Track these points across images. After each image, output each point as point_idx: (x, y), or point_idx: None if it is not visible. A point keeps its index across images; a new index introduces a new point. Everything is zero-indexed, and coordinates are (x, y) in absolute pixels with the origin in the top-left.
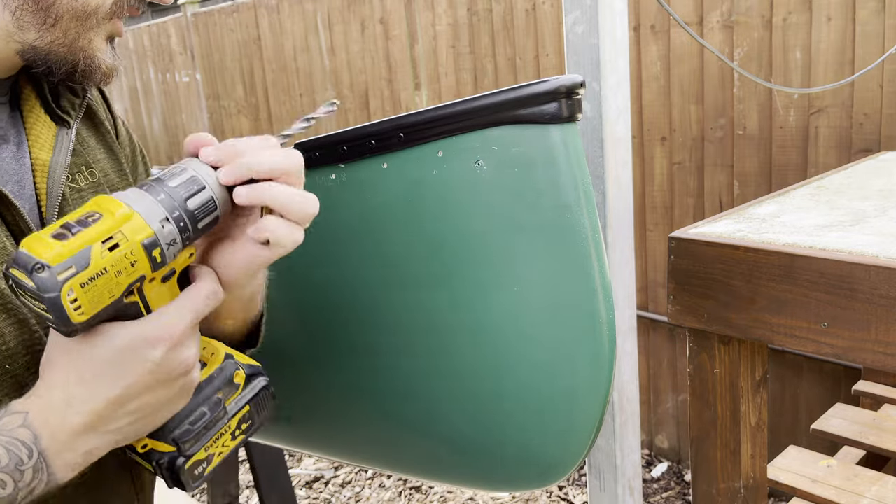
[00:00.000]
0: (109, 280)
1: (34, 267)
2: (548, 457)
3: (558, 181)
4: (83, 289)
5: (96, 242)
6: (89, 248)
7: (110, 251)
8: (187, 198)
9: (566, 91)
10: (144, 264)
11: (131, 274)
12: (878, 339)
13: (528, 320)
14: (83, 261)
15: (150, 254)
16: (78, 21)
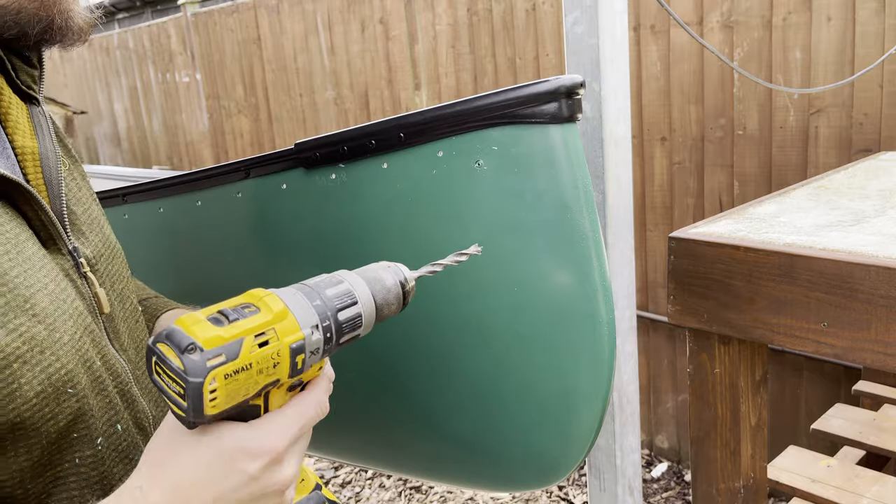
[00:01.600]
0: (250, 377)
1: (188, 347)
2: (548, 456)
3: (558, 181)
4: (226, 380)
5: (249, 335)
6: (242, 339)
7: (259, 347)
8: (339, 309)
9: (566, 91)
10: (285, 368)
11: (270, 375)
12: (878, 339)
13: (527, 320)
14: (234, 352)
15: (294, 359)
16: None
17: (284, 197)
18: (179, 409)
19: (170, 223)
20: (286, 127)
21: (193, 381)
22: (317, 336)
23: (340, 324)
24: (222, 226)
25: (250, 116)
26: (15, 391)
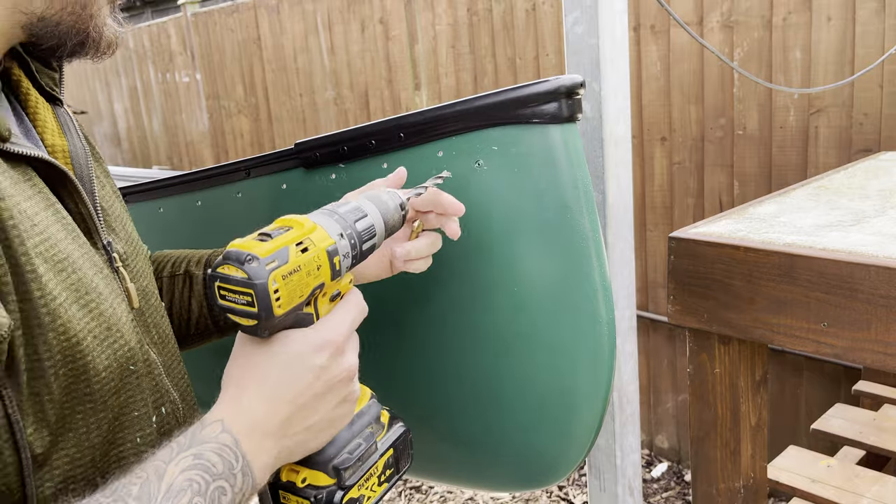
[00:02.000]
0: (301, 279)
1: (246, 258)
2: (548, 456)
3: (558, 181)
4: (284, 281)
5: (292, 244)
6: (287, 248)
7: (302, 252)
8: (356, 221)
9: (566, 91)
10: (326, 270)
11: (317, 277)
12: (878, 339)
13: (527, 320)
14: (283, 257)
15: (332, 261)
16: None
17: (285, 197)
18: (250, 318)
19: (170, 223)
20: (286, 127)
21: (260, 282)
22: (344, 242)
23: (360, 232)
24: (222, 225)
25: (250, 116)
26: (88, 364)
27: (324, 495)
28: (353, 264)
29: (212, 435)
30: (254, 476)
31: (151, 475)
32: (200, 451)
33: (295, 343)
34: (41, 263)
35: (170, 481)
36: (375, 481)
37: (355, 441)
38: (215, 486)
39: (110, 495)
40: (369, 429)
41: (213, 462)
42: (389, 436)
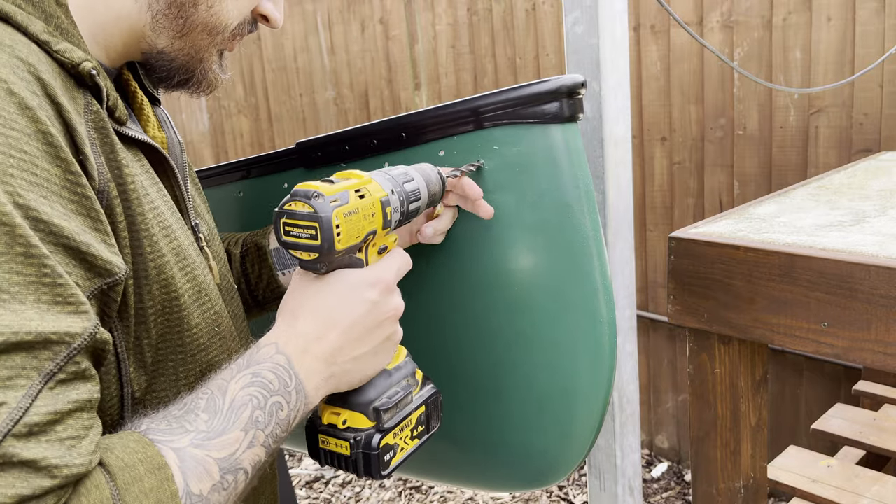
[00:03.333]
0: (359, 221)
1: (312, 195)
2: (548, 456)
3: (559, 181)
4: (345, 218)
5: (351, 189)
6: (347, 192)
7: (360, 198)
8: (403, 182)
9: (567, 91)
10: (379, 218)
11: (371, 222)
12: (878, 339)
13: (528, 320)
14: (344, 198)
15: (384, 210)
16: (208, 35)
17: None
18: (312, 251)
19: None
20: (286, 127)
21: (325, 215)
22: (394, 198)
23: (407, 193)
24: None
25: (250, 116)
26: (182, 318)
27: (362, 437)
28: (400, 221)
29: (267, 355)
30: (306, 395)
31: (216, 391)
32: (258, 370)
33: (350, 277)
34: (154, 224)
35: (232, 396)
36: (408, 434)
37: (393, 388)
38: (272, 401)
39: (182, 408)
40: (406, 381)
41: (270, 380)
42: (423, 393)
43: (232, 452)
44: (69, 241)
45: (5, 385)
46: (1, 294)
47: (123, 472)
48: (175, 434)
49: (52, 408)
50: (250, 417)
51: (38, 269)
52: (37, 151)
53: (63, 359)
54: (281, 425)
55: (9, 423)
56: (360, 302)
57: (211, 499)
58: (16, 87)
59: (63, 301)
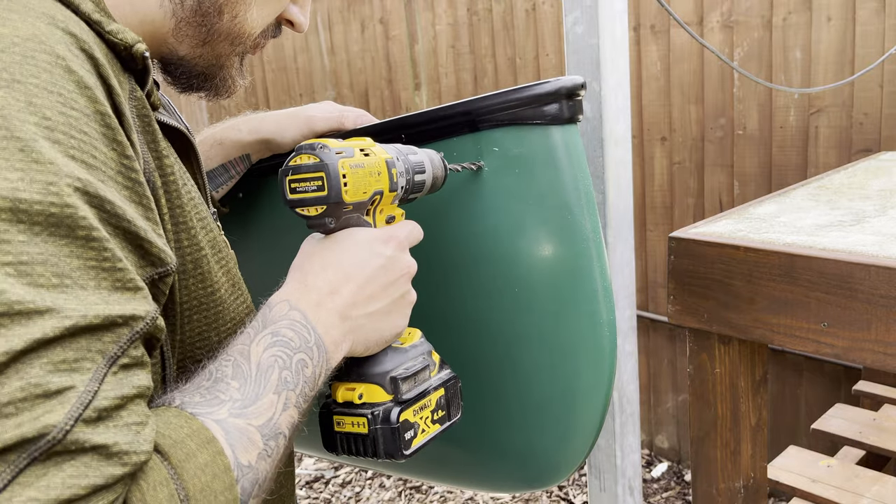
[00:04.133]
0: (365, 176)
1: (318, 146)
2: (549, 457)
3: (559, 182)
4: (351, 170)
5: (356, 147)
6: (352, 148)
7: (365, 156)
8: (408, 154)
9: (567, 92)
10: (385, 179)
11: (377, 181)
12: (878, 339)
13: (528, 321)
14: (350, 152)
15: (390, 171)
16: (230, 44)
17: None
18: (320, 204)
19: None
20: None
21: (331, 164)
22: (399, 163)
23: (412, 163)
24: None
25: None
26: (219, 315)
27: (380, 411)
28: (406, 190)
29: (281, 313)
30: (327, 350)
31: (238, 357)
32: (276, 329)
33: (361, 234)
34: (193, 216)
35: (257, 360)
36: (429, 416)
37: (410, 362)
38: (297, 358)
39: (209, 378)
40: (422, 357)
41: (290, 337)
42: (441, 374)
43: (270, 417)
44: (129, 225)
45: (72, 368)
46: (63, 279)
47: (175, 449)
48: (212, 406)
49: (118, 392)
50: (279, 379)
51: (99, 252)
52: (95, 133)
53: (126, 342)
54: (308, 383)
55: (79, 408)
56: (373, 255)
57: (259, 468)
58: (73, 65)
59: (123, 287)
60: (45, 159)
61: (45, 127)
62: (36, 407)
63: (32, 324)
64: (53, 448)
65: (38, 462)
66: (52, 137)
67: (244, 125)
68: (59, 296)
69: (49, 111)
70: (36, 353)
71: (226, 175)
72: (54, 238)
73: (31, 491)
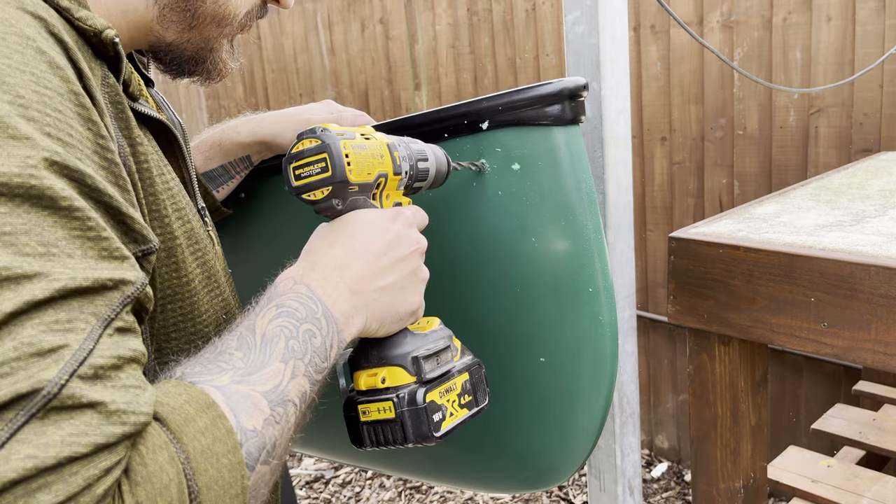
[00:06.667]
0: (368, 158)
1: (319, 129)
2: (549, 458)
3: (561, 183)
4: (353, 151)
5: (357, 132)
6: (354, 133)
7: (367, 140)
8: (409, 143)
9: (570, 93)
10: (388, 162)
11: (381, 163)
12: (878, 339)
13: (529, 321)
14: (351, 135)
15: (392, 154)
16: (217, 26)
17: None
18: (325, 186)
19: None
20: None
21: (332, 143)
22: (401, 148)
23: (414, 151)
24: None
25: None
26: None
27: (405, 394)
28: (410, 177)
29: (287, 287)
30: (337, 323)
31: (244, 330)
32: (281, 301)
33: (369, 213)
34: (168, 205)
35: (262, 331)
36: (455, 399)
37: (432, 344)
38: (304, 328)
39: (213, 351)
40: (443, 340)
41: (295, 308)
42: (465, 359)
43: (277, 384)
44: (110, 200)
45: (65, 328)
46: (49, 248)
47: (173, 414)
48: (213, 374)
49: (114, 352)
50: (286, 347)
51: (83, 222)
52: (70, 112)
53: (118, 305)
54: (319, 354)
55: (73, 364)
56: (382, 231)
57: (266, 433)
58: (44, 46)
59: (109, 255)
60: (21, 135)
61: (19, 105)
62: (30, 365)
63: (21, 288)
64: (50, 404)
65: (36, 420)
66: (27, 115)
67: (243, 127)
68: (46, 262)
69: (22, 90)
70: (27, 315)
71: (226, 176)
72: (36, 209)
73: (30, 448)
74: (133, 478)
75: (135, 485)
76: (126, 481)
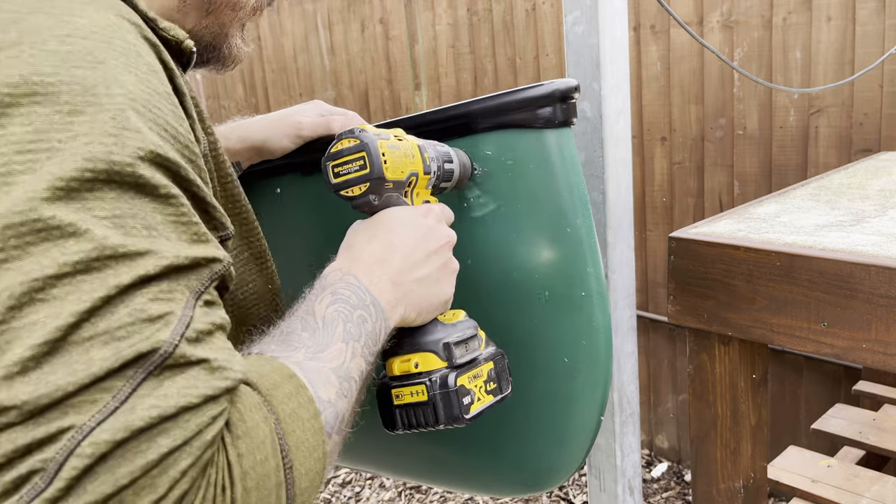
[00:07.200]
0: (401, 157)
1: (358, 130)
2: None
3: (553, 186)
4: (389, 150)
5: (391, 133)
6: (388, 134)
7: (399, 141)
8: (434, 145)
9: (561, 95)
10: (419, 161)
11: (413, 162)
12: (878, 339)
13: (522, 325)
14: (385, 136)
15: (423, 154)
16: (232, 10)
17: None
18: (364, 182)
19: None
20: None
21: (370, 142)
22: (430, 150)
23: (440, 152)
24: None
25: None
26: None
27: (437, 378)
28: (438, 177)
29: (336, 279)
30: (384, 311)
31: (305, 315)
32: (334, 289)
33: (402, 211)
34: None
35: (322, 314)
36: (482, 385)
37: (460, 332)
38: (357, 314)
39: (281, 333)
40: (470, 329)
41: (348, 296)
42: (489, 349)
43: (342, 363)
44: (197, 190)
45: (169, 298)
46: (151, 231)
47: (262, 380)
48: (287, 351)
49: (208, 319)
50: (344, 330)
51: (177, 208)
52: (166, 109)
53: (207, 280)
54: (371, 337)
55: (182, 328)
56: (416, 226)
57: (338, 405)
58: (142, 50)
59: (198, 239)
60: (133, 127)
61: (130, 98)
62: (144, 329)
63: (135, 263)
64: (165, 362)
65: (152, 376)
66: (136, 109)
67: (233, 133)
68: (152, 242)
69: (131, 86)
70: (139, 288)
71: None
72: (140, 196)
73: (152, 399)
74: (234, 431)
75: (236, 438)
76: (228, 434)
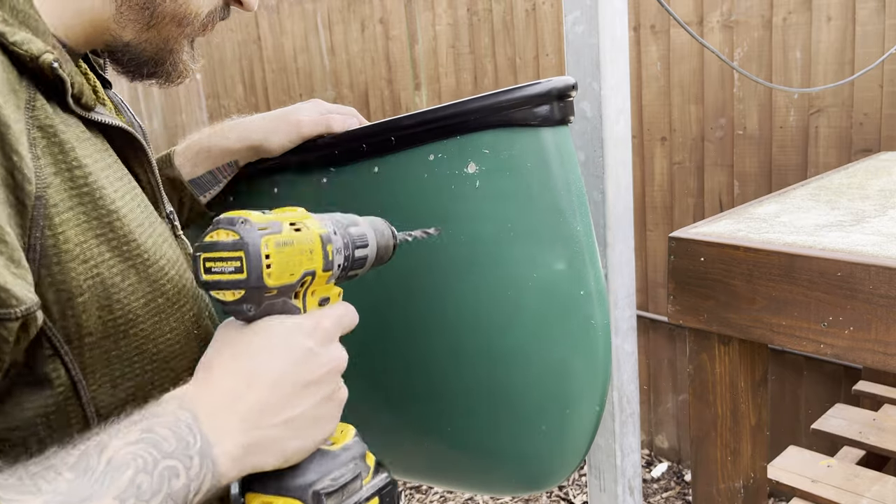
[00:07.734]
0: (293, 255)
1: (238, 220)
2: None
3: (550, 184)
4: (276, 249)
5: (286, 221)
6: (281, 222)
7: (296, 231)
8: (348, 226)
9: (558, 93)
10: (319, 257)
11: (309, 260)
12: (878, 339)
13: (521, 325)
14: (277, 227)
15: (325, 248)
16: (177, 26)
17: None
18: (238, 289)
19: None
20: None
21: (252, 242)
22: (336, 237)
23: (353, 237)
24: None
25: None
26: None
27: None
28: (344, 268)
29: (167, 410)
30: (215, 463)
31: (91, 448)
32: (151, 425)
33: (281, 324)
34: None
35: (110, 454)
36: None
37: (339, 471)
38: (165, 464)
39: (43, 463)
40: (353, 463)
41: (164, 436)
42: (375, 482)
43: None
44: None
45: None
46: None
47: None
48: (23, 493)
49: None
50: (130, 483)
51: None
52: None
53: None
54: (175, 499)
55: None
56: (293, 349)
57: None
58: None
59: None
60: None
61: None
62: None
63: None
64: None
65: None
66: None
67: (231, 132)
68: None
69: None
70: None
71: (213, 181)
72: None
73: None
74: None
75: None
76: None
